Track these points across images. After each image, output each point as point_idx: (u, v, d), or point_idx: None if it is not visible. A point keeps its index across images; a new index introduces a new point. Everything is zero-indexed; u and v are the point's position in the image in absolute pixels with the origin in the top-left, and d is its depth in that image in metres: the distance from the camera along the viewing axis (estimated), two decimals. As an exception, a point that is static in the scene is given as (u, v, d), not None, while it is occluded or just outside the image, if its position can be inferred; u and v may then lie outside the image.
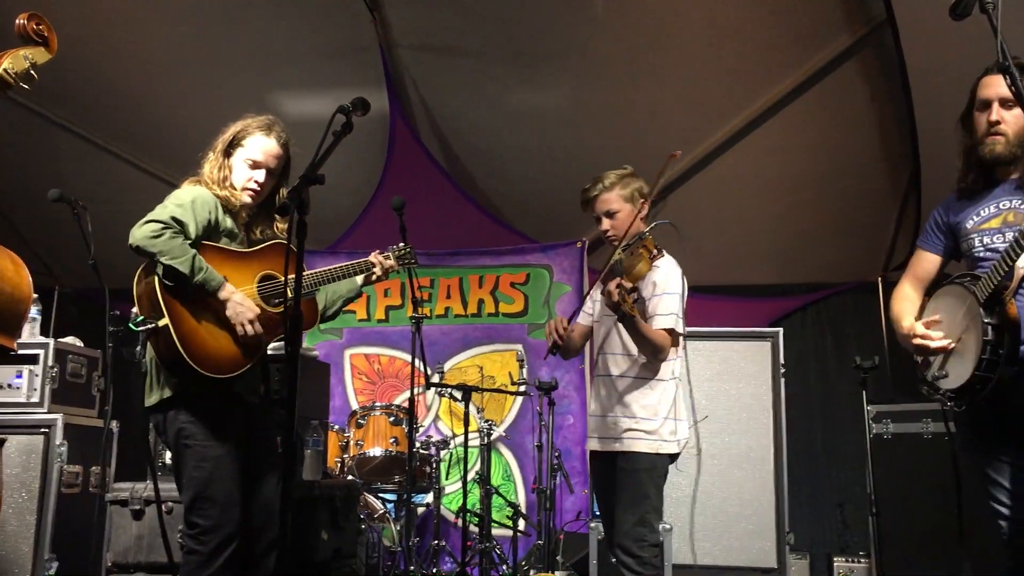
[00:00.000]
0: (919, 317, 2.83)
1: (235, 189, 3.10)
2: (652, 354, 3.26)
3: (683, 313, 3.31)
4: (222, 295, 2.94)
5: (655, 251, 3.20)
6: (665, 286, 3.30)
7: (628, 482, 3.24)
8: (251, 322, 2.96)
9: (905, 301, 2.92)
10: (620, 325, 3.28)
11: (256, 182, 3.11)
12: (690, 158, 6.15)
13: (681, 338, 3.32)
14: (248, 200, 3.13)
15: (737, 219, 6.39)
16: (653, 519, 3.22)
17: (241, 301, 2.97)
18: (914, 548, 4.87)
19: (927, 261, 2.95)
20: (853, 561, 5.66)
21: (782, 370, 5.34)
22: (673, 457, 3.33)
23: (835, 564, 5.69)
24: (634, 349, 3.27)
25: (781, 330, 5.46)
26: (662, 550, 3.28)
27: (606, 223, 3.39)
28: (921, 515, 4.89)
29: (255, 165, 3.11)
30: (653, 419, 3.27)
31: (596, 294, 3.49)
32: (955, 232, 2.86)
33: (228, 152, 3.12)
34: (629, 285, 3.03)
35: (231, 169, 3.11)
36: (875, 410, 5.15)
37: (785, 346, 5.40)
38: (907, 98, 5.26)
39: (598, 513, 3.49)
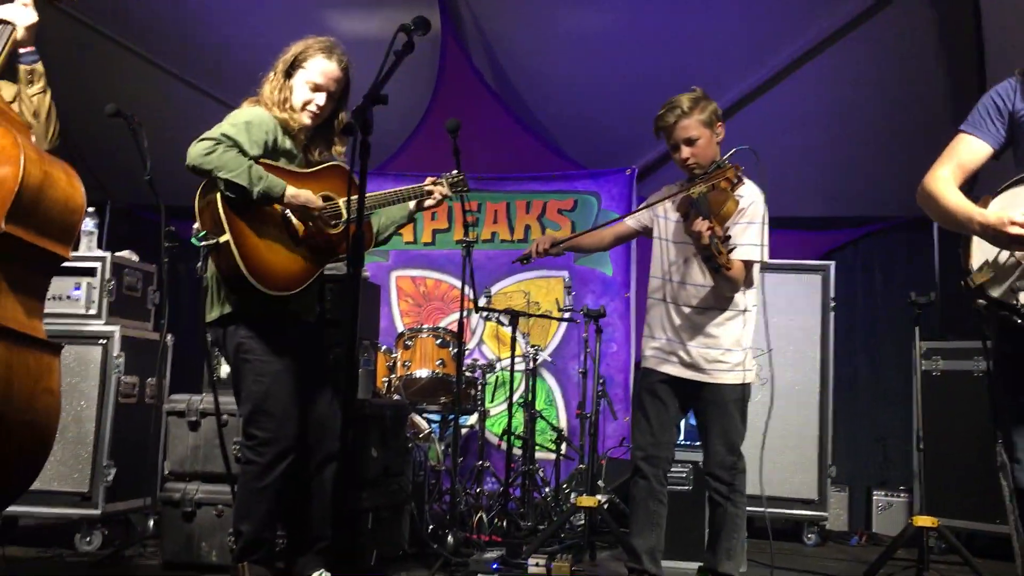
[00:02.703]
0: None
1: (295, 111, 3.11)
2: (731, 291, 3.25)
3: (766, 242, 3.26)
4: (287, 198, 2.97)
5: (736, 180, 3.17)
6: (750, 215, 3.25)
7: (719, 414, 3.28)
8: (319, 214, 3.02)
9: (952, 188, 2.53)
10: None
11: (316, 105, 3.12)
12: (744, 87, 6.02)
13: (758, 267, 3.29)
14: (308, 122, 3.13)
15: (790, 150, 6.26)
16: (740, 448, 3.29)
17: (308, 199, 3.01)
18: (956, 485, 4.87)
19: (976, 150, 2.59)
20: (892, 495, 5.69)
21: (832, 304, 5.30)
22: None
23: (874, 497, 5.73)
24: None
25: (833, 263, 5.42)
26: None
27: (686, 151, 3.27)
28: (965, 453, 4.87)
29: (316, 88, 3.12)
30: (738, 350, 3.28)
31: (670, 213, 3.37)
32: (1020, 122, 2.54)
33: (289, 73, 3.11)
34: (721, 232, 2.97)
35: (291, 90, 3.11)
36: (925, 346, 5.10)
37: (836, 279, 5.36)
38: (976, 27, 5.08)
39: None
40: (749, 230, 3.22)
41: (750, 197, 3.26)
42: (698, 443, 3.61)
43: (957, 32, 5.33)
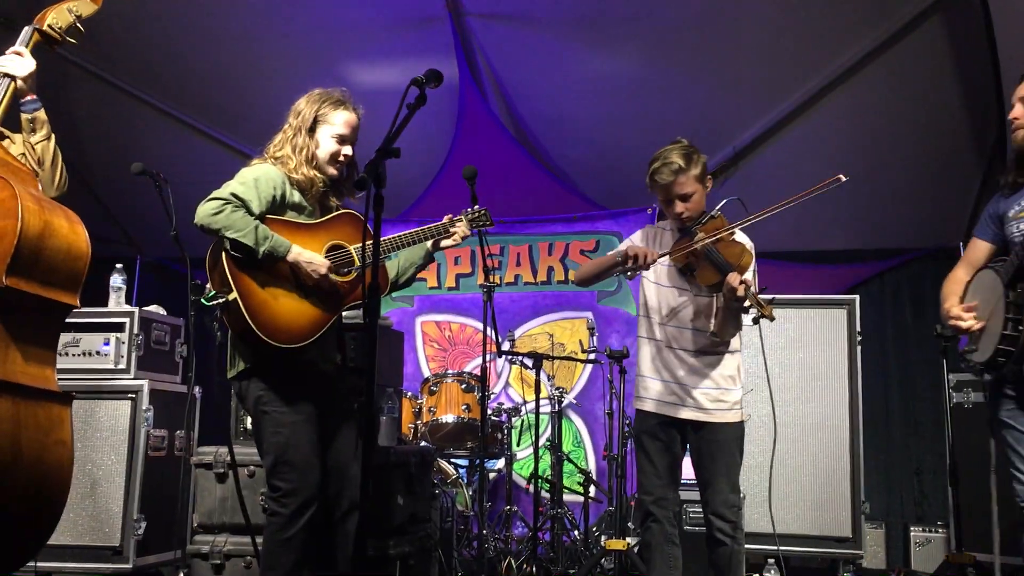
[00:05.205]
0: (962, 299, 3.16)
1: (324, 165, 3.17)
2: (734, 334, 3.31)
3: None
4: (290, 258, 3.00)
5: (730, 229, 3.27)
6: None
7: (721, 452, 3.29)
8: (325, 276, 3.04)
9: (953, 284, 3.23)
10: (699, 300, 3.30)
11: (345, 155, 3.20)
12: (764, 124, 6.03)
13: None
14: (335, 173, 3.20)
15: (813, 184, 6.24)
16: (738, 484, 3.34)
17: (311, 259, 3.04)
18: (993, 518, 4.76)
19: (979, 248, 3.22)
20: (930, 531, 5.57)
21: (859, 338, 5.24)
22: None
23: (912, 534, 5.61)
24: (710, 325, 3.28)
25: (857, 297, 5.35)
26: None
27: (680, 206, 3.29)
28: (1001, 485, 4.77)
29: (342, 139, 3.18)
30: (735, 389, 3.33)
31: (665, 260, 3.37)
32: (1002, 221, 3.11)
33: (312, 130, 3.17)
34: (752, 284, 3.08)
35: (318, 145, 3.17)
36: (955, 379, 5.03)
37: (862, 313, 5.31)
38: (993, 57, 5.07)
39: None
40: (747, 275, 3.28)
41: (748, 245, 3.33)
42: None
43: (973, 60, 5.33)
